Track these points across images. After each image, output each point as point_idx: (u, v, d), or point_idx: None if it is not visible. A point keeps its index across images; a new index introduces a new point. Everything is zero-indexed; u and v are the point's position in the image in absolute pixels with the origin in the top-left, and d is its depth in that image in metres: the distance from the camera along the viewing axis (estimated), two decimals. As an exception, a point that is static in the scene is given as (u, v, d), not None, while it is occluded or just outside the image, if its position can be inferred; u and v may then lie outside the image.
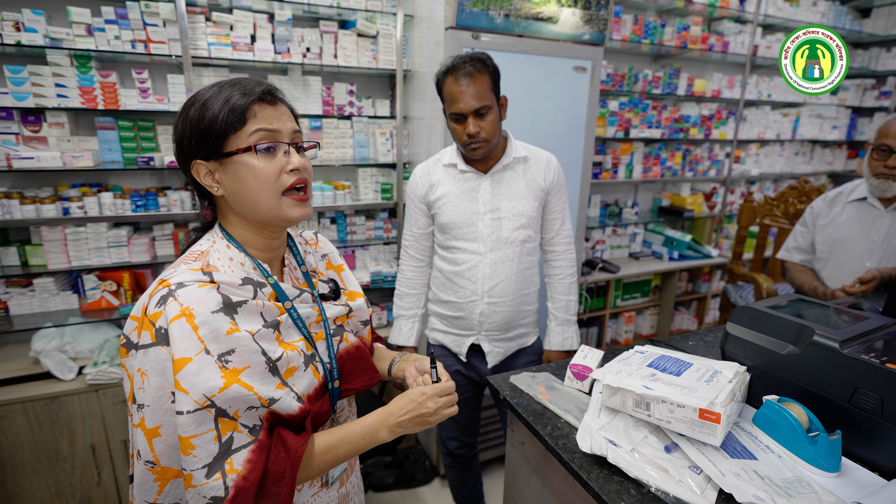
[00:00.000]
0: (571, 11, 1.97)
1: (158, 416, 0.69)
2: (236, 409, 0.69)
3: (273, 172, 0.74)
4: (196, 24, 1.89)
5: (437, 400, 0.80)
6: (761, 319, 0.93)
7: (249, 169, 0.73)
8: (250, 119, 0.73)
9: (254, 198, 0.75)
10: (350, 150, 2.26)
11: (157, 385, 0.68)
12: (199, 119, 0.73)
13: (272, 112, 0.75)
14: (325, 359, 0.84)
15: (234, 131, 0.73)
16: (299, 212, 0.78)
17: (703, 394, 0.76)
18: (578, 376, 0.99)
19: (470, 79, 1.32)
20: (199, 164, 0.75)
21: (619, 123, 2.82)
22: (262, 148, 0.73)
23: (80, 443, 1.83)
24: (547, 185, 1.51)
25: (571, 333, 1.61)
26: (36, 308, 1.92)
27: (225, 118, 0.72)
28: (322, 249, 0.97)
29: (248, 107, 0.73)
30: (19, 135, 1.80)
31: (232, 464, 0.68)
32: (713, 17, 3.11)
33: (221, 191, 0.77)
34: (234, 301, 0.72)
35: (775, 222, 2.61)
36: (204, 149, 0.74)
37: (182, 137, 0.75)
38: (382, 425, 0.79)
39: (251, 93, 0.73)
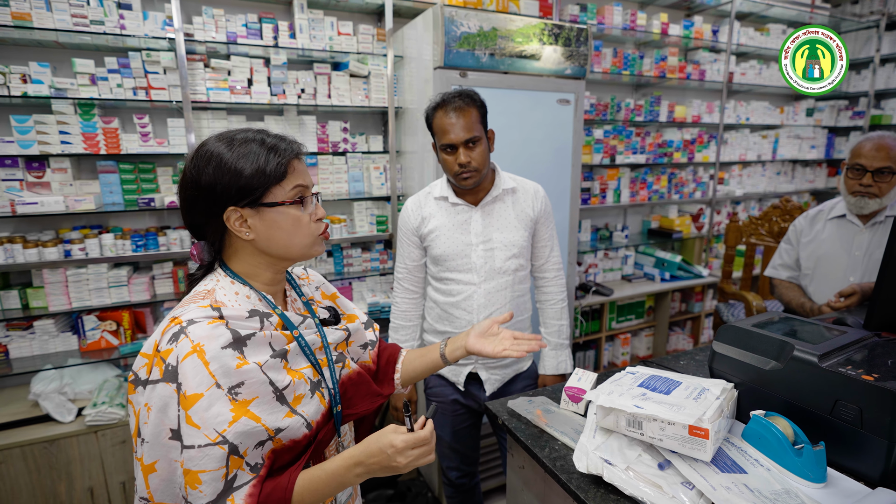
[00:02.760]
0: (553, 49, 2.07)
1: (155, 451, 0.72)
2: (246, 446, 0.72)
3: (307, 220, 0.84)
4: (195, 70, 1.98)
5: (409, 454, 0.77)
6: (745, 337, 0.97)
7: (290, 218, 0.82)
8: (290, 174, 0.81)
9: (289, 240, 0.83)
10: (345, 185, 2.33)
11: (157, 421, 0.71)
12: (238, 171, 0.78)
13: (302, 168, 0.85)
14: (329, 384, 0.87)
15: (277, 183, 0.80)
16: (322, 248, 0.89)
17: (692, 411, 0.80)
18: (573, 398, 1.03)
19: (459, 112, 1.39)
20: (233, 211, 0.79)
21: (604, 150, 2.92)
22: (301, 199, 0.83)
23: (79, 486, 1.81)
24: (535, 214, 1.56)
25: (565, 357, 1.64)
26: (36, 350, 1.94)
27: (273, 171, 0.79)
28: (314, 282, 1.02)
29: (290, 162, 0.82)
30: (23, 181, 1.85)
31: (234, 500, 0.70)
32: (689, 47, 3.26)
33: (252, 235, 0.81)
34: (242, 335, 0.76)
35: (761, 241, 2.68)
36: (246, 198, 0.79)
37: (215, 186, 0.78)
38: (349, 472, 0.78)
39: (289, 150, 0.82)
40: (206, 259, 0.85)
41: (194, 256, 0.86)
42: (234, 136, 0.81)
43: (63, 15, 1.76)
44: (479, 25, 1.91)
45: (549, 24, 2.05)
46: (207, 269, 0.87)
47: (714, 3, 3.15)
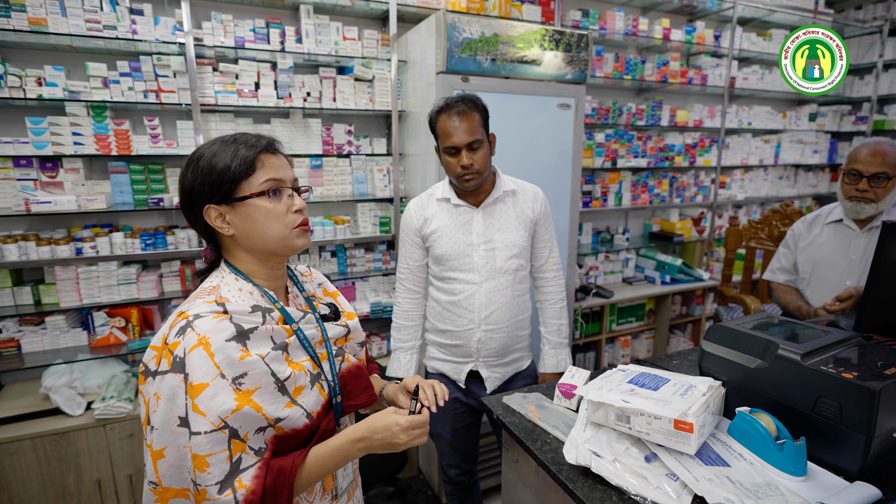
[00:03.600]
0: (554, 54, 2.11)
1: (164, 437, 0.76)
2: (246, 430, 0.77)
3: (281, 211, 0.86)
4: (204, 73, 2.03)
5: (410, 432, 0.85)
6: (733, 337, 1.00)
7: (261, 210, 0.84)
8: (259, 168, 0.84)
9: (265, 233, 0.85)
10: (349, 187, 2.38)
11: (166, 409, 0.76)
12: (210, 169, 0.83)
13: (275, 161, 0.87)
14: (328, 377, 0.91)
15: (246, 178, 0.83)
16: (303, 241, 0.89)
17: (677, 405, 0.83)
18: (566, 394, 1.06)
19: (462, 116, 1.43)
20: (211, 209, 0.85)
21: (606, 154, 2.95)
22: (272, 191, 0.85)
23: (87, 478, 1.86)
24: (535, 215, 1.60)
25: (564, 356, 1.68)
26: (47, 345, 1.99)
27: (237, 167, 0.83)
28: (316, 279, 1.07)
29: (255, 157, 0.84)
30: (37, 180, 1.91)
31: (241, 480, 0.75)
32: (691, 52, 3.29)
33: (232, 231, 0.86)
34: (245, 329, 0.81)
35: (761, 245, 2.70)
36: (217, 195, 0.84)
37: (193, 186, 0.85)
38: (352, 446, 0.85)
39: (256, 145, 0.85)
40: (212, 257, 0.91)
41: (205, 257, 0.91)
42: (218, 140, 0.86)
43: (77, 20, 1.81)
44: (481, 31, 1.95)
45: (549, 30, 2.08)
46: (213, 267, 0.92)
47: (716, 9, 3.18)
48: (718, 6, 3.16)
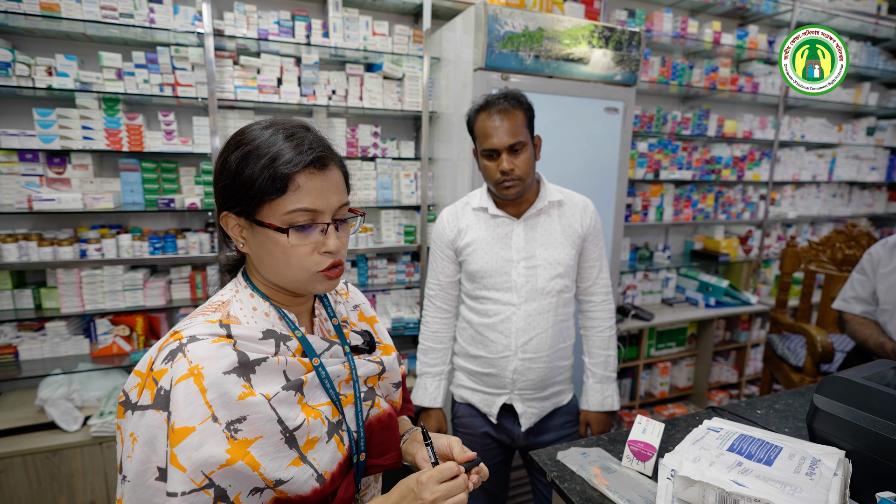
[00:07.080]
0: (602, 52, 1.92)
1: (138, 493, 0.59)
2: (237, 491, 0.60)
3: (305, 253, 0.66)
4: (224, 67, 1.89)
5: (435, 490, 0.66)
6: (859, 393, 0.79)
7: (279, 245, 0.66)
8: (291, 191, 0.64)
9: (279, 270, 0.68)
10: (373, 192, 2.21)
11: (143, 457, 0.59)
12: (237, 172, 0.65)
13: (319, 183, 0.66)
14: (352, 427, 0.73)
15: (270, 200, 0.64)
16: (325, 286, 0.70)
17: (811, 495, 0.62)
18: (639, 455, 0.85)
19: (504, 114, 1.25)
20: (228, 217, 0.68)
21: (648, 165, 2.73)
22: (297, 227, 0.65)
23: (80, 500, 1.71)
24: (584, 230, 1.40)
25: (612, 392, 1.47)
26: (46, 353, 1.85)
27: (263, 184, 0.63)
28: (353, 300, 0.87)
29: (291, 176, 0.64)
30: (43, 176, 1.79)
31: None
32: (742, 58, 3.06)
33: (247, 248, 0.70)
34: (251, 360, 0.64)
35: (822, 268, 2.44)
36: (237, 206, 0.66)
37: (218, 180, 0.68)
38: None
39: (300, 160, 0.64)
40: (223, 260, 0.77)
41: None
42: (271, 126, 0.67)
43: (92, 6, 1.69)
44: (525, 25, 1.77)
45: (599, 26, 1.89)
46: (233, 269, 0.77)
47: (771, 12, 2.95)
48: (774, 9, 2.93)
